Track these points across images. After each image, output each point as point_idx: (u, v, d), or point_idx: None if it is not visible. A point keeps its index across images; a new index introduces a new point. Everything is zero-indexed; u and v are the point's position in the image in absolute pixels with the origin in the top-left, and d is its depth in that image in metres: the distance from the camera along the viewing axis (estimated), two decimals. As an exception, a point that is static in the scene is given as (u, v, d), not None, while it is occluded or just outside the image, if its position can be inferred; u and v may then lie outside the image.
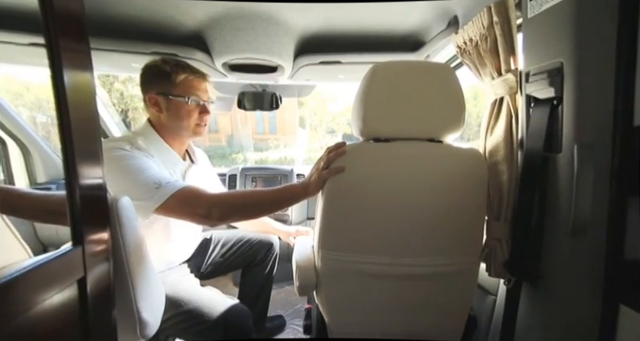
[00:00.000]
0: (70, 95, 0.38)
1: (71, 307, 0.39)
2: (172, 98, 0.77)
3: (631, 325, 0.49)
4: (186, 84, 0.78)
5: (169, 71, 0.77)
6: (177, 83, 0.77)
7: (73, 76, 0.39)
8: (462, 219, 0.66)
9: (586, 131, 0.51)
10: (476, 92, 3.64)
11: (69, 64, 0.38)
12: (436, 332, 0.75)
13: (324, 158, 0.65)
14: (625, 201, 0.49)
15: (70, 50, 0.39)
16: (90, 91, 0.42)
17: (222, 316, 0.71)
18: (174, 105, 0.78)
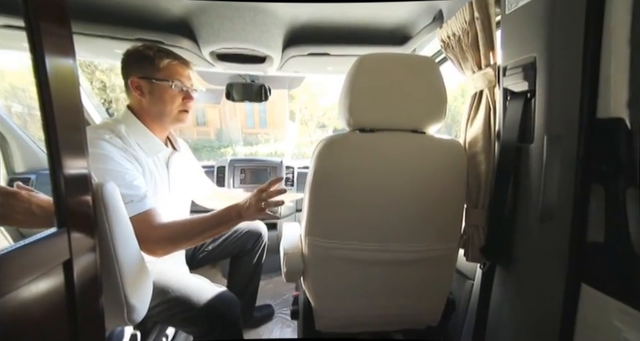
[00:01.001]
0: (52, 79, 0.37)
1: (57, 290, 0.39)
2: (155, 82, 0.76)
3: (591, 301, 0.54)
4: (170, 69, 0.77)
5: (152, 56, 0.76)
6: (160, 68, 0.76)
7: (55, 61, 0.38)
8: (442, 207, 0.69)
9: (555, 123, 0.54)
10: (464, 89, 3.72)
11: (50, 49, 0.37)
12: (417, 314, 0.79)
13: (265, 199, 0.73)
14: (588, 188, 0.53)
15: (51, 34, 0.38)
16: (73, 75, 0.42)
17: (209, 304, 0.72)
18: (158, 89, 0.77)
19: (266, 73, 1.28)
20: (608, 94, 0.49)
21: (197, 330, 0.73)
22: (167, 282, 0.74)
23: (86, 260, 0.43)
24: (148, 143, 0.78)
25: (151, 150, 0.79)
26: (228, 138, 9.03)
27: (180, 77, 0.79)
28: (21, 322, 0.34)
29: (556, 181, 0.54)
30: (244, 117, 10.56)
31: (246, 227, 1.16)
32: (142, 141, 0.77)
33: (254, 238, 1.17)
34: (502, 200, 0.65)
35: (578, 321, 0.55)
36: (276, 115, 10.85)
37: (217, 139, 9.83)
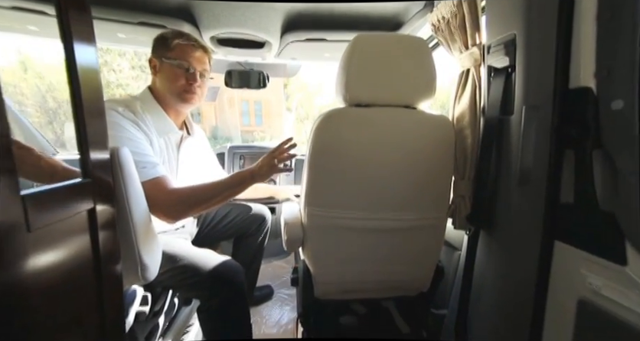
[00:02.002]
0: (78, 58, 0.42)
1: (83, 236, 0.43)
2: (164, 60, 0.80)
3: (563, 255, 0.60)
4: (179, 49, 0.80)
5: (168, 37, 0.80)
6: (171, 47, 0.79)
7: (81, 44, 0.42)
8: (431, 178, 0.75)
9: (532, 94, 0.60)
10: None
11: (77, 36, 0.42)
12: (409, 281, 0.85)
13: (278, 156, 0.79)
14: (562, 153, 0.59)
15: (77, 21, 0.42)
16: (94, 55, 0.45)
17: (215, 269, 0.77)
18: (165, 68, 0.80)
19: (264, 59, 1.31)
20: (578, 66, 0.54)
21: (204, 295, 0.78)
22: (175, 251, 0.78)
23: (106, 212, 0.47)
24: (159, 122, 0.82)
25: (162, 129, 0.82)
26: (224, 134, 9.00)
27: (188, 57, 0.81)
28: (52, 258, 0.38)
29: (533, 147, 0.60)
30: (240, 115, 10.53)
31: (251, 211, 1.20)
32: (155, 120, 0.80)
33: (258, 222, 1.21)
34: (486, 170, 0.71)
35: (552, 274, 0.61)
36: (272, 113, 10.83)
37: (212, 136, 9.79)
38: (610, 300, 0.50)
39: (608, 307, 0.51)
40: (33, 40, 1.07)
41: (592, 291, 0.53)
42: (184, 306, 1.08)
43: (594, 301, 0.53)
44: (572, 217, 0.58)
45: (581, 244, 0.56)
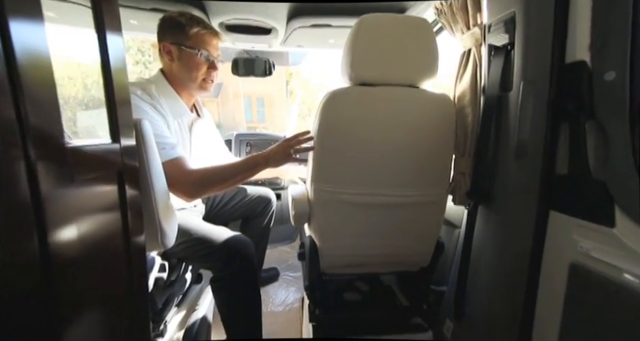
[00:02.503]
0: (110, 45, 0.46)
1: (113, 194, 0.48)
2: (184, 49, 0.82)
3: (557, 224, 0.63)
4: (198, 37, 0.82)
5: (184, 23, 0.81)
6: (190, 35, 0.81)
7: (111, 32, 0.46)
8: (433, 156, 0.78)
9: (530, 70, 0.62)
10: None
11: (108, 25, 0.45)
12: (410, 255, 0.88)
13: (294, 145, 0.81)
14: (558, 126, 0.62)
15: (109, 12, 0.46)
16: (121, 41, 0.49)
17: (227, 242, 0.82)
18: (186, 56, 0.82)
19: (271, 47, 1.34)
20: (574, 40, 0.57)
21: (216, 266, 0.83)
22: (189, 225, 0.83)
23: (133, 176, 0.52)
24: (175, 105, 0.85)
25: (177, 112, 0.86)
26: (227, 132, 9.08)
27: (207, 46, 0.84)
28: (89, 212, 0.43)
29: (530, 121, 0.63)
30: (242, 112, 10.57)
31: (257, 193, 1.25)
32: (170, 103, 0.84)
33: (264, 203, 1.26)
34: (485, 146, 0.74)
35: (546, 242, 0.65)
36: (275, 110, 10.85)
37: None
38: (599, 260, 0.53)
39: (597, 268, 0.54)
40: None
41: (583, 254, 0.56)
42: (194, 284, 1.14)
43: (584, 264, 0.56)
44: (566, 187, 0.61)
45: (574, 212, 0.59)
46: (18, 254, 0.30)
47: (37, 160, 0.31)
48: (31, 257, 0.32)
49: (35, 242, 0.32)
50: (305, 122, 10.36)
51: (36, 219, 0.32)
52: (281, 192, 1.70)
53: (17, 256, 0.30)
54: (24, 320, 0.31)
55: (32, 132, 0.31)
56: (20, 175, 0.30)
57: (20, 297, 0.31)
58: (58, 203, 0.35)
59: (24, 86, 0.30)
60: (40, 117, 0.32)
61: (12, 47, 0.28)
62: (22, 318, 0.31)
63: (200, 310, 1.03)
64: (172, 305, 0.87)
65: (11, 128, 0.29)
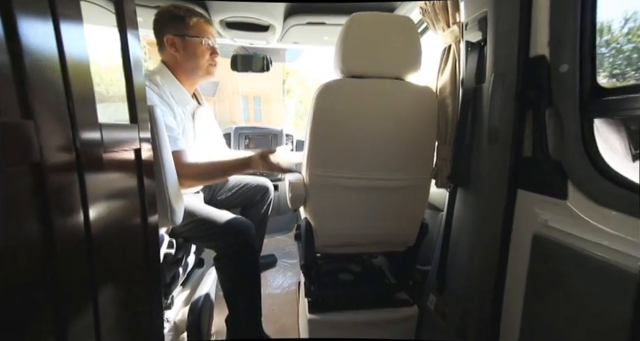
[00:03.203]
0: (130, 49, 0.52)
1: (132, 171, 0.55)
2: (188, 38, 0.89)
3: (523, 201, 0.71)
4: (199, 26, 0.90)
5: (183, 15, 0.88)
6: (191, 26, 0.88)
7: (131, 32, 0.53)
8: (417, 143, 0.86)
9: (500, 64, 0.70)
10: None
11: (129, 25, 0.52)
12: (397, 235, 0.96)
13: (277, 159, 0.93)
14: (524, 114, 0.70)
15: (128, 13, 0.53)
16: (138, 40, 0.56)
17: (229, 223, 0.89)
18: (191, 45, 0.89)
19: (268, 43, 1.41)
20: (536, 37, 0.64)
21: (219, 245, 0.90)
22: (194, 207, 0.90)
23: (148, 155, 0.59)
24: (179, 94, 0.92)
25: (182, 100, 0.92)
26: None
27: (207, 34, 0.92)
28: (115, 181, 0.49)
29: (499, 110, 0.71)
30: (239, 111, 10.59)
31: (255, 182, 1.32)
32: (174, 92, 0.90)
33: (262, 192, 1.33)
34: (463, 133, 0.82)
35: (515, 217, 0.73)
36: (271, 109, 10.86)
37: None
38: (555, 229, 0.62)
39: (553, 235, 0.62)
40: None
41: (543, 225, 0.65)
42: (197, 267, 1.21)
43: (544, 233, 0.65)
44: (530, 167, 0.69)
45: (536, 188, 0.67)
46: (70, 212, 0.37)
47: (80, 134, 0.38)
48: (77, 217, 0.38)
49: (80, 204, 0.39)
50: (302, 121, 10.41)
51: (79, 185, 0.39)
52: (278, 183, 1.77)
53: (69, 215, 0.37)
54: (71, 274, 0.38)
55: (76, 113, 0.38)
56: (70, 145, 0.37)
57: (67, 257, 0.37)
58: (95, 170, 0.42)
59: (72, 84, 0.37)
60: (82, 102, 0.39)
61: (63, 50, 0.35)
62: (69, 273, 0.38)
63: (203, 289, 1.10)
64: (178, 282, 0.94)
65: (62, 111, 0.36)
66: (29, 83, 0.31)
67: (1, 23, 0.29)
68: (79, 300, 0.40)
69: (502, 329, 0.76)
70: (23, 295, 0.32)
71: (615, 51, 0.65)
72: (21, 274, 0.32)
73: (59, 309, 0.36)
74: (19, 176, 0.31)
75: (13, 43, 0.30)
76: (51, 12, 0.35)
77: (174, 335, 0.90)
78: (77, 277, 0.39)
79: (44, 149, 0.33)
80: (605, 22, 0.63)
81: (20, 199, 0.31)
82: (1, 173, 0.29)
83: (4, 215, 0.30)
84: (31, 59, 0.31)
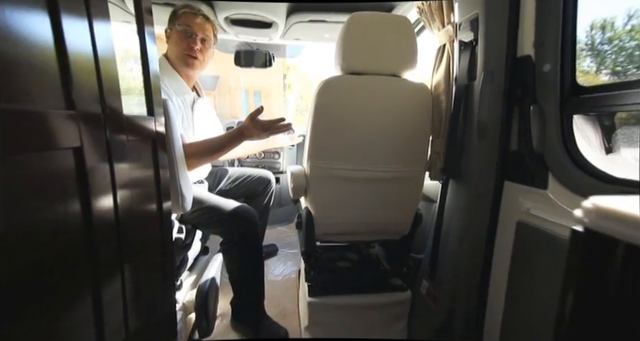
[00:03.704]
0: (147, 39, 0.57)
1: (148, 158, 0.60)
2: (173, 28, 0.95)
3: (509, 191, 0.77)
4: (183, 17, 0.95)
5: (177, 9, 0.96)
6: (177, 16, 0.95)
7: (148, 29, 0.58)
8: (412, 137, 0.91)
9: (490, 63, 0.75)
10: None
11: (147, 21, 0.57)
12: (393, 224, 1.02)
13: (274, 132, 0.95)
14: (511, 110, 0.75)
15: (146, 9, 0.57)
16: (154, 36, 0.61)
17: (235, 210, 0.95)
18: (172, 34, 0.96)
19: (271, 40, 1.45)
20: (523, 38, 0.69)
21: (225, 231, 0.96)
22: (201, 196, 0.96)
23: (162, 144, 0.64)
24: (176, 84, 0.97)
25: (179, 90, 0.98)
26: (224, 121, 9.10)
27: (190, 23, 0.95)
28: (136, 168, 0.55)
29: (488, 106, 0.76)
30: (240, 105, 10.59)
31: (258, 174, 1.37)
32: (172, 83, 0.96)
33: (264, 184, 1.38)
34: (455, 128, 0.87)
35: (501, 206, 0.79)
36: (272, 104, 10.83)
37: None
38: (536, 216, 0.67)
39: (534, 222, 0.68)
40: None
41: (525, 213, 0.70)
42: (202, 255, 1.27)
43: (526, 220, 0.70)
44: (516, 160, 0.74)
45: (521, 179, 0.73)
46: (104, 194, 0.42)
47: (109, 123, 0.43)
48: (109, 200, 0.44)
49: (110, 188, 0.44)
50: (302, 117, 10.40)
51: (110, 170, 0.44)
52: (280, 175, 1.83)
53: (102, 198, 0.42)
54: (105, 251, 0.43)
55: (107, 106, 0.43)
56: (102, 134, 0.42)
57: (103, 235, 0.43)
58: (120, 157, 0.47)
59: (103, 78, 0.42)
60: (110, 95, 0.44)
61: (96, 48, 0.40)
62: (103, 252, 0.43)
63: (209, 273, 1.16)
64: (186, 266, 1.01)
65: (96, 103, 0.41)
66: (72, 79, 0.36)
67: (50, 25, 0.34)
68: (111, 273, 0.46)
69: (488, 309, 0.82)
70: (69, 266, 0.37)
71: (618, 48, 0.67)
72: (67, 249, 0.37)
73: (96, 279, 0.42)
74: (64, 158, 0.36)
75: (59, 43, 0.35)
76: (87, 14, 0.39)
77: (183, 314, 0.97)
78: (110, 254, 0.45)
79: (83, 136, 0.38)
80: (609, 19, 0.65)
81: (66, 181, 0.37)
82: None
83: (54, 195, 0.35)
84: (73, 57, 0.36)
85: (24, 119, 0.30)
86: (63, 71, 0.35)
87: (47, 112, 0.33)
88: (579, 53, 0.64)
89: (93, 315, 0.42)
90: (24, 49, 0.31)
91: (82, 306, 0.40)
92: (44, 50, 0.33)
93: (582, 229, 0.23)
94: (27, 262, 0.31)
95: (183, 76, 1.00)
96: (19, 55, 0.30)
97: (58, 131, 0.34)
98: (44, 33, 0.33)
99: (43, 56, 0.33)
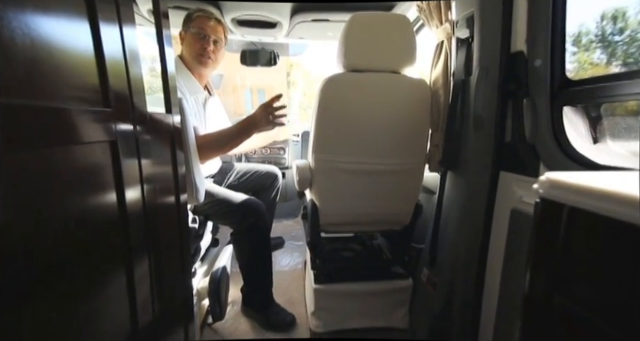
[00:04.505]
0: (165, 41, 0.62)
1: (167, 152, 0.65)
2: (187, 31, 1.01)
3: (504, 181, 0.80)
4: (197, 20, 1.01)
5: (191, 12, 1.01)
6: (192, 19, 1.01)
7: (166, 32, 0.63)
8: (412, 130, 0.95)
9: (485, 58, 0.79)
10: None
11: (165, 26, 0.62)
12: (394, 215, 1.07)
13: (271, 111, 0.98)
14: (505, 104, 0.78)
15: (164, 14, 0.63)
16: (170, 37, 0.66)
17: (244, 202, 1.01)
18: (187, 36, 1.02)
19: (276, 39, 1.49)
20: (516, 35, 0.73)
21: (235, 221, 1.02)
22: (212, 189, 1.02)
23: (179, 140, 0.70)
24: (189, 83, 1.03)
25: (192, 89, 1.03)
26: (229, 119, 9.20)
27: (204, 26, 1.02)
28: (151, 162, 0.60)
29: (483, 99, 0.79)
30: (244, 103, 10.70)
31: (265, 169, 1.43)
32: (186, 82, 1.01)
33: (272, 179, 1.44)
34: (453, 121, 0.91)
35: (497, 196, 0.83)
36: (276, 102, 10.84)
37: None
38: (528, 203, 0.71)
39: (527, 209, 0.72)
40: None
41: (519, 201, 0.74)
42: (212, 247, 1.34)
43: (520, 207, 0.74)
44: (510, 151, 0.78)
45: (515, 169, 0.77)
46: (135, 184, 0.48)
47: (137, 122, 0.49)
48: (138, 190, 0.49)
49: (139, 179, 0.50)
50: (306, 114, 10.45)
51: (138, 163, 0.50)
52: (286, 171, 1.88)
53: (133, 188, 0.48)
54: (136, 238, 0.49)
55: (135, 104, 0.48)
56: (132, 129, 0.48)
57: (136, 225, 0.48)
58: (145, 151, 0.53)
59: (131, 78, 0.47)
60: (137, 95, 0.50)
61: (125, 52, 0.45)
62: (135, 236, 0.49)
63: (220, 263, 1.23)
64: (199, 256, 1.07)
65: (126, 104, 0.47)
66: (108, 80, 0.42)
67: (90, 34, 0.39)
68: (140, 256, 0.51)
69: (485, 293, 0.87)
70: (105, 248, 0.43)
71: (630, 39, 0.65)
72: (105, 233, 0.43)
73: (129, 260, 0.47)
74: (103, 149, 0.42)
75: (98, 48, 0.40)
76: (118, 21, 0.45)
77: (197, 300, 1.03)
78: (139, 239, 0.51)
79: (117, 131, 0.43)
80: (620, 8, 0.64)
81: (104, 172, 0.42)
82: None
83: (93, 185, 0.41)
84: (109, 61, 0.42)
85: (70, 115, 0.36)
86: (101, 74, 0.40)
87: (90, 110, 0.39)
88: (588, 45, 0.66)
89: (127, 290, 0.47)
90: (69, 55, 0.36)
91: (117, 283, 0.46)
92: (85, 55, 0.39)
93: (539, 199, 0.27)
94: (71, 243, 0.37)
95: (196, 76, 1.06)
96: (65, 61, 0.36)
97: (98, 126, 0.40)
98: (86, 40, 0.39)
99: (85, 61, 0.39)
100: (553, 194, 0.24)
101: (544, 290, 0.27)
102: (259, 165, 1.43)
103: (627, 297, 0.21)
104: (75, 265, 0.37)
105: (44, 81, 0.32)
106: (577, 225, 0.23)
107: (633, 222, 0.20)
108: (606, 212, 0.21)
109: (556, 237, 0.24)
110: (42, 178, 0.31)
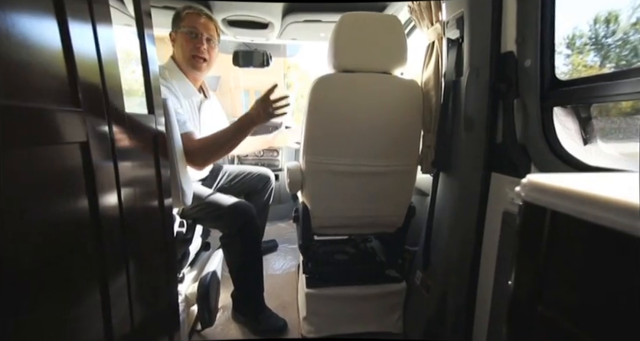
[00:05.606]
0: (147, 42, 0.61)
1: (149, 155, 0.63)
2: (178, 31, 0.97)
3: (496, 182, 0.79)
4: (187, 18, 0.97)
5: (180, 11, 0.97)
6: (182, 18, 0.97)
7: (148, 31, 0.61)
8: (403, 131, 0.94)
9: (475, 59, 0.78)
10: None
11: (146, 24, 0.60)
12: (387, 217, 1.05)
13: (270, 103, 0.95)
14: (496, 104, 0.78)
15: (145, 13, 0.61)
16: (154, 38, 0.64)
17: (233, 205, 0.98)
18: (178, 37, 0.98)
19: (268, 40, 1.48)
20: (506, 35, 0.72)
21: (224, 224, 0.99)
22: (201, 192, 1.00)
23: (162, 141, 0.68)
24: (184, 86, 1.00)
25: (187, 92, 1.01)
26: (226, 120, 9.16)
27: (195, 24, 0.97)
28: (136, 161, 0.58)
29: (474, 101, 0.79)
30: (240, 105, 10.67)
31: (258, 171, 1.40)
32: (180, 85, 0.99)
33: (264, 181, 1.41)
34: (444, 122, 0.90)
35: (489, 197, 0.81)
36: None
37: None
38: (519, 205, 0.70)
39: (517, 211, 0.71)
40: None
41: (510, 203, 0.73)
42: (204, 250, 1.31)
43: (511, 210, 0.73)
44: (502, 152, 0.77)
45: (507, 171, 0.76)
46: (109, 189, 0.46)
47: (112, 120, 0.47)
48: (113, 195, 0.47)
49: (114, 184, 0.48)
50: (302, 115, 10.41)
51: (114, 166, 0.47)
52: (279, 173, 1.86)
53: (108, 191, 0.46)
54: (111, 246, 0.47)
55: (110, 104, 0.46)
56: (106, 131, 0.46)
57: (110, 230, 0.46)
58: (123, 154, 0.51)
59: (106, 78, 0.45)
60: (113, 95, 0.48)
61: (100, 51, 0.44)
62: (109, 244, 0.47)
63: (210, 267, 1.20)
64: (188, 260, 1.04)
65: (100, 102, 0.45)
66: (78, 79, 0.40)
67: (58, 31, 0.37)
68: (117, 265, 0.49)
69: (478, 295, 0.85)
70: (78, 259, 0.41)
71: (622, 42, 0.66)
72: (76, 240, 0.40)
73: (103, 270, 0.45)
74: (71, 152, 0.40)
75: (67, 46, 0.38)
76: (91, 19, 0.43)
77: (185, 306, 1.01)
78: (116, 247, 0.48)
79: (89, 132, 0.41)
80: (613, 12, 0.65)
81: (74, 175, 0.40)
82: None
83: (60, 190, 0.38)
84: (79, 59, 0.40)
85: (34, 116, 0.34)
86: (70, 72, 0.38)
87: (56, 109, 0.37)
88: (582, 48, 0.66)
89: (101, 304, 0.45)
90: (35, 53, 0.34)
91: (91, 296, 0.44)
92: (53, 53, 0.37)
93: (522, 202, 0.26)
94: (40, 253, 0.34)
95: (190, 78, 1.03)
96: (31, 58, 0.34)
97: (66, 127, 0.38)
98: (53, 38, 0.37)
99: (52, 59, 0.37)
100: (535, 197, 0.23)
101: (528, 296, 0.26)
102: (251, 167, 1.41)
103: (610, 303, 0.20)
104: (40, 276, 0.34)
105: (2, 78, 0.30)
106: (559, 230, 0.21)
107: (612, 226, 0.19)
108: (586, 216, 0.20)
109: (539, 242, 0.23)
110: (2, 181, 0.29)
